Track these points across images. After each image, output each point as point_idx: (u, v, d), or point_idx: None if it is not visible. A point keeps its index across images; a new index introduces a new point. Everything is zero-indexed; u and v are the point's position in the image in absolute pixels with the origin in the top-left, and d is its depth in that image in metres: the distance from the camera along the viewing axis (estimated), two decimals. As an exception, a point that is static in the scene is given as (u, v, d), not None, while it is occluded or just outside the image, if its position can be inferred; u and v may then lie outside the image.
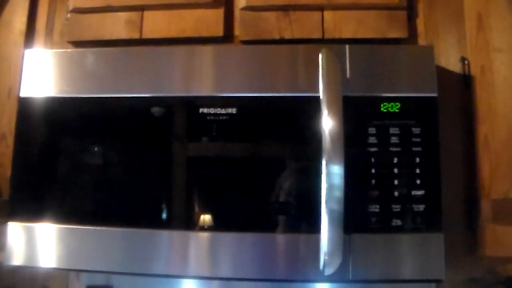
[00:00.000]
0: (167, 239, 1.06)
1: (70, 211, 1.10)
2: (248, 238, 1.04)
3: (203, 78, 1.11)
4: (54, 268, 1.10)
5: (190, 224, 1.08)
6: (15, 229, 1.09)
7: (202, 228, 1.05)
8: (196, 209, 1.10)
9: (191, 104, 1.10)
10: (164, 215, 1.08)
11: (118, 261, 1.07)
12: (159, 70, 1.12)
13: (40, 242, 1.08)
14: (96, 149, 1.12)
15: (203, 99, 1.10)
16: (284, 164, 1.06)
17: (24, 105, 1.13)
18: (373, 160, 1.02)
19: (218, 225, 1.06)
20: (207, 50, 1.14)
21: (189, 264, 1.05)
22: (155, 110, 1.10)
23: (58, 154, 1.12)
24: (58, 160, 1.12)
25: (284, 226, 1.05)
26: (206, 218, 1.06)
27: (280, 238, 1.04)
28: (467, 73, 1.14)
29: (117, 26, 1.25)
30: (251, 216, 1.07)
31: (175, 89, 1.11)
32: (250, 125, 1.09)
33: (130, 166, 1.12)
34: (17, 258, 1.09)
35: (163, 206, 1.09)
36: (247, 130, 1.09)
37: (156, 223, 1.07)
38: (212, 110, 1.08)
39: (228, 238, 1.05)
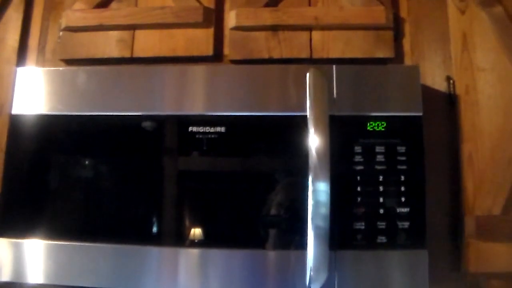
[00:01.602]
0: (156, 256, 1.07)
1: (59, 228, 1.10)
2: (237, 255, 1.05)
3: (193, 97, 1.13)
4: (42, 284, 1.09)
5: (179, 240, 1.08)
6: (4, 245, 1.09)
7: (191, 245, 1.06)
8: (185, 226, 1.11)
9: (181, 122, 1.11)
10: (153, 232, 1.09)
11: (107, 277, 1.07)
12: (149, 89, 1.13)
13: (29, 258, 1.08)
14: (86, 166, 1.13)
15: (193, 117, 1.11)
16: (272, 182, 1.07)
17: (15, 122, 1.14)
18: (359, 178, 1.04)
19: (207, 242, 1.07)
20: (197, 70, 1.15)
21: (178, 280, 1.06)
22: (145, 128, 1.11)
23: (48, 171, 1.13)
24: (48, 177, 1.12)
25: (271, 243, 1.06)
26: (195, 234, 1.07)
27: (268, 255, 1.05)
28: (452, 92, 1.17)
29: (108, 44, 1.27)
30: (240, 233, 1.08)
31: (165, 108, 1.13)
32: (239, 143, 1.11)
33: (120, 183, 1.13)
34: (5, 274, 1.09)
35: (153, 222, 1.10)
36: (236, 148, 1.11)
37: (145, 240, 1.08)
38: (201, 129, 1.09)
39: (217, 255, 1.05)
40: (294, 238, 1.04)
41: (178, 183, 1.12)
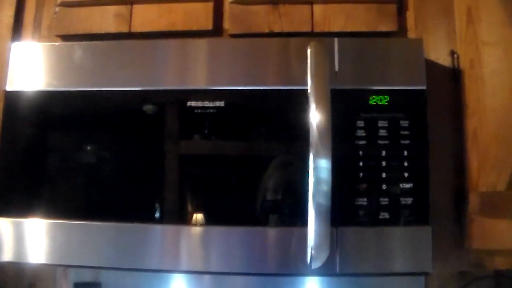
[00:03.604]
0: (157, 234, 1.06)
1: (58, 206, 1.09)
2: (238, 232, 1.04)
3: (194, 71, 1.11)
4: (42, 264, 1.09)
5: (181, 218, 1.08)
6: (4, 225, 1.08)
7: (194, 223, 1.05)
8: (187, 202, 1.10)
9: (181, 97, 1.09)
10: (153, 209, 1.08)
11: (108, 256, 1.06)
12: (148, 64, 1.12)
13: (29, 237, 1.07)
14: (85, 143, 1.11)
15: (193, 92, 1.09)
16: (273, 157, 1.06)
17: (10, 98, 1.12)
18: (361, 153, 1.02)
19: (209, 219, 1.06)
20: (197, 44, 1.13)
21: (180, 258, 1.05)
22: (145, 103, 1.10)
23: (46, 149, 1.11)
24: (46, 155, 1.11)
25: (273, 220, 1.05)
26: (197, 212, 1.06)
27: (270, 232, 1.04)
28: (456, 66, 1.15)
29: (106, 19, 1.24)
30: (240, 210, 1.07)
31: (165, 83, 1.11)
32: (239, 118, 1.09)
33: (120, 160, 1.12)
34: (5, 254, 1.08)
35: (153, 200, 1.09)
36: (236, 124, 1.09)
37: (145, 218, 1.07)
38: (200, 104, 1.08)
39: (218, 232, 1.05)
40: (296, 215, 1.02)
41: (179, 159, 1.11)
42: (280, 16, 1.20)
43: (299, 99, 1.03)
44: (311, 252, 0.95)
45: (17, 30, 1.28)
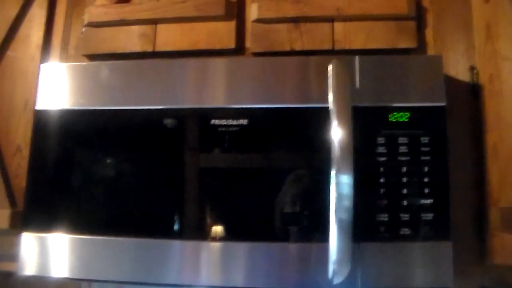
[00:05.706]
0: (179, 249, 1.08)
1: (83, 222, 1.12)
2: (259, 248, 1.05)
3: (216, 90, 1.13)
4: (66, 278, 1.12)
5: (201, 234, 1.09)
6: (28, 240, 1.11)
7: (213, 238, 1.07)
8: (207, 219, 1.11)
9: (204, 115, 1.11)
10: (175, 225, 1.10)
11: (130, 271, 1.08)
12: (172, 82, 1.14)
13: (53, 252, 1.10)
14: (109, 160, 1.14)
15: (215, 110, 1.11)
16: (295, 174, 1.07)
17: (39, 117, 1.16)
18: (382, 169, 1.03)
19: (229, 235, 1.07)
20: (220, 62, 1.16)
21: (200, 273, 1.06)
22: (168, 121, 1.12)
23: (72, 166, 1.14)
24: (72, 171, 1.14)
25: (294, 236, 1.06)
26: (217, 228, 1.07)
27: (291, 248, 1.05)
28: (475, 82, 1.15)
29: (131, 39, 1.28)
30: (262, 226, 1.08)
31: (188, 101, 1.13)
32: (261, 136, 1.11)
33: (143, 177, 1.13)
34: (30, 268, 1.11)
35: (175, 216, 1.11)
36: (258, 141, 1.11)
37: (167, 233, 1.09)
38: (223, 122, 1.09)
39: (238, 248, 1.06)
40: (317, 231, 1.04)
41: (200, 176, 1.13)
42: (301, 34, 1.21)
43: (320, 117, 1.04)
44: (333, 268, 0.95)
45: (46, 50, 1.32)
